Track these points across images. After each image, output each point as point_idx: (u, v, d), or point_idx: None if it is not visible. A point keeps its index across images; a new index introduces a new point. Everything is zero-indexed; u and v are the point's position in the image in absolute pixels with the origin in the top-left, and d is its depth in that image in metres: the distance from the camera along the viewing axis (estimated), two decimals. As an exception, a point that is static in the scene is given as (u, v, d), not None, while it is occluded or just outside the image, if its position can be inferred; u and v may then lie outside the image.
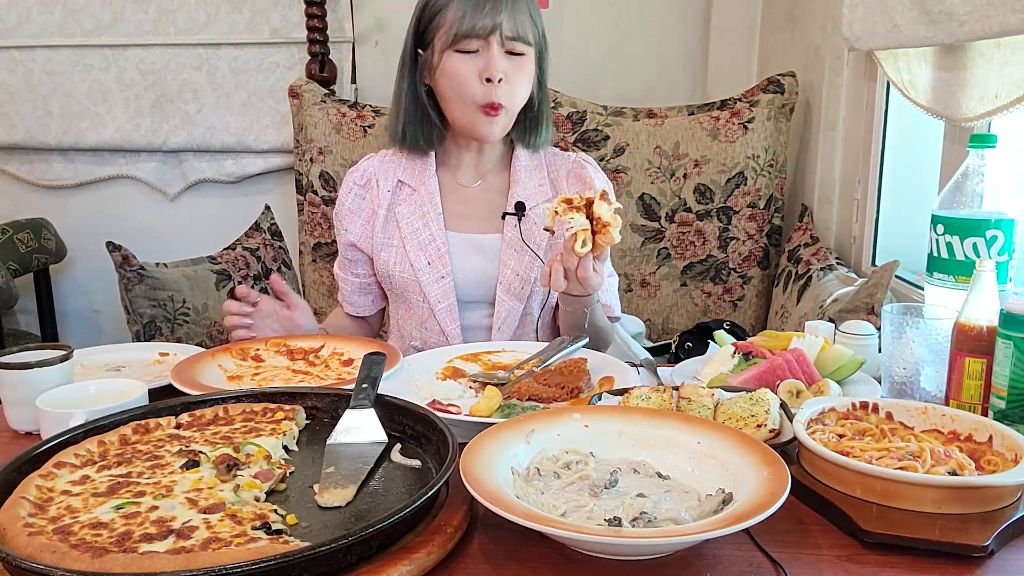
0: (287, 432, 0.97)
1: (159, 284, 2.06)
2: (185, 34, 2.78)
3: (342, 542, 0.70)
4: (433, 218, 1.53)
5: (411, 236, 1.53)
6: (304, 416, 1.04)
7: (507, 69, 1.42)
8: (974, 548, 0.78)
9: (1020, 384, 0.97)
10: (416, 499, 0.77)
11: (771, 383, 1.13)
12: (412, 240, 1.52)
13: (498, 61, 1.41)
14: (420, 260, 1.52)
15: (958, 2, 1.39)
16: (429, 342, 1.56)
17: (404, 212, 1.55)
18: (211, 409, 1.03)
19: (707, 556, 0.79)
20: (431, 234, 1.53)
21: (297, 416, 1.02)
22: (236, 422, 1.00)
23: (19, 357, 1.14)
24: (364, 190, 1.58)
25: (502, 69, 1.41)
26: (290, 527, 0.79)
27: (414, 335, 1.58)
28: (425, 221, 1.53)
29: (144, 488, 0.84)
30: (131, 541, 0.74)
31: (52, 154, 2.94)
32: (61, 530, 0.75)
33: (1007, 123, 1.55)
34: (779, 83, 2.32)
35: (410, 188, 1.56)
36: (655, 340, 2.40)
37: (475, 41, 1.41)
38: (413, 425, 0.98)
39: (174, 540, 0.74)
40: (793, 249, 2.24)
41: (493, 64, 1.40)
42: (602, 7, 2.72)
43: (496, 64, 1.41)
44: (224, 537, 0.74)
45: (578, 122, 2.39)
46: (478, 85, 1.42)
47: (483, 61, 1.41)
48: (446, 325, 1.53)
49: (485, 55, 1.41)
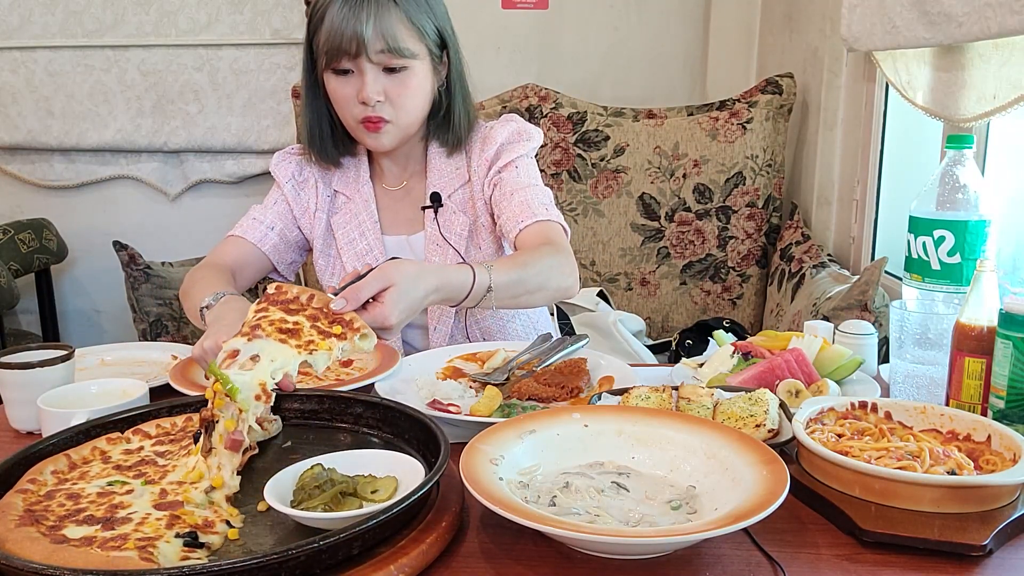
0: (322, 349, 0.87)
1: (165, 283, 2.07)
2: (186, 35, 2.79)
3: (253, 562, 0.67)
4: (369, 227, 1.49)
5: (347, 246, 1.49)
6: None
7: (387, 87, 1.35)
8: (973, 547, 0.79)
9: (1019, 384, 0.97)
10: (400, 503, 0.75)
11: (770, 383, 1.13)
12: (348, 251, 1.49)
13: (372, 84, 1.33)
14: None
15: (956, 3, 1.40)
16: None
17: (340, 222, 1.51)
18: None
19: (706, 555, 0.80)
20: (368, 244, 1.49)
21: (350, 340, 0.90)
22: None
23: (20, 357, 1.14)
24: (300, 186, 1.53)
25: (378, 90, 1.34)
26: (230, 541, 0.78)
27: None
28: (361, 231, 1.49)
29: (147, 470, 0.86)
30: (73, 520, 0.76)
31: (54, 154, 2.95)
32: (48, 495, 0.80)
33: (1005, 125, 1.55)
34: (778, 84, 2.33)
35: (345, 197, 1.52)
36: (655, 338, 2.41)
37: (345, 60, 1.33)
38: (407, 427, 0.97)
39: (97, 528, 0.75)
40: (785, 248, 2.25)
41: (366, 87, 1.33)
42: (602, 9, 2.72)
43: (369, 87, 1.33)
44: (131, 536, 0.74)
45: (578, 123, 2.40)
46: (356, 106, 1.36)
47: (358, 82, 1.34)
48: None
49: (359, 76, 1.34)
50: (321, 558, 0.71)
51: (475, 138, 1.51)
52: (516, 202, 1.41)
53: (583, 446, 0.94)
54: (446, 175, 1.49)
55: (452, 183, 1.49)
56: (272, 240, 1.50)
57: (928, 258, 1.16)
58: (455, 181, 1.49)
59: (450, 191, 1.48)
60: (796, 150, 2.44)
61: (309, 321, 0.88)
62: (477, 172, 1.48)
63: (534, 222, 1.38)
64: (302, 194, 1.53)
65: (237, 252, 1.47)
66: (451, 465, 0.87)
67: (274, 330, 0.87)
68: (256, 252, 1.49)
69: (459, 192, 1.49)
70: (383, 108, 1.36)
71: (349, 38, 1.30)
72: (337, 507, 0.79)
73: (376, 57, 1.32)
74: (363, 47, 1.30)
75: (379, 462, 0.86)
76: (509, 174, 1.45)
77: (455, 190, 1.49)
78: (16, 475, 0.84)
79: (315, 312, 0.90)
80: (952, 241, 1.14)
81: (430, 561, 0.77)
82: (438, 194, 1.48)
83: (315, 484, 0.80)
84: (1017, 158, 1.57)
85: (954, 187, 1.14)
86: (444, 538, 0.80)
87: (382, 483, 0.82)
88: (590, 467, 0.92)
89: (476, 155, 1.49)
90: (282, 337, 0.86)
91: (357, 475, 0.83)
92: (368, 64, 1.33)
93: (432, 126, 1.48)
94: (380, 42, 1.31)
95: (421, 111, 1.42)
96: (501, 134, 1.48)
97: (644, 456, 0.93)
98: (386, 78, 1.35)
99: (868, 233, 2.03)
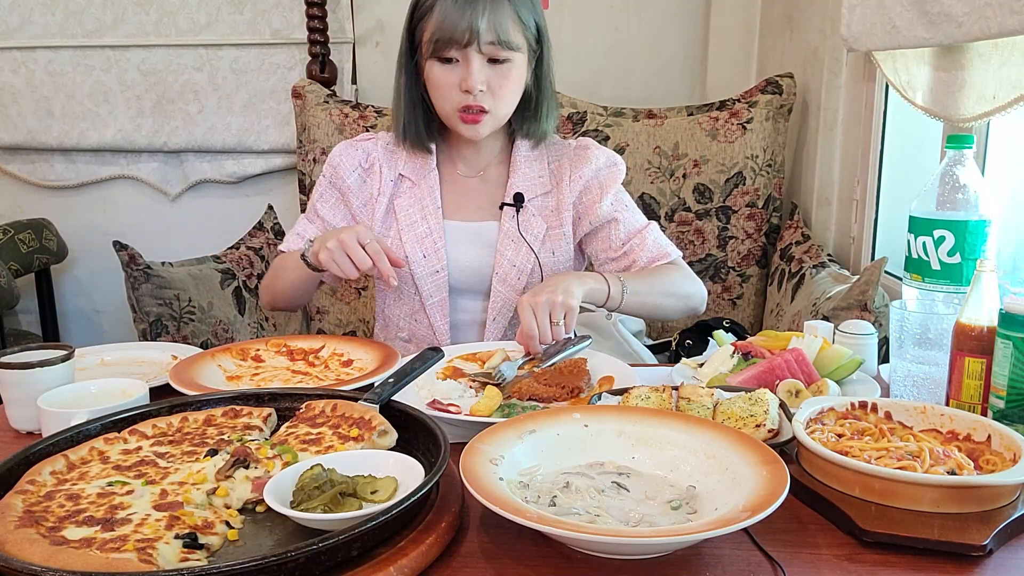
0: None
1: (165, 283, 2.07)
2: (186, 35, 2.78)
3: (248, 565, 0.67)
4: (432, 211, 1.52)
5: (408, 228, 1.52)
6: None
7: (490, 78, 1.40)
8: (972, 547, 0.79)
9: (1019, 384, 0.97)
10: (400, 503, 0.75)
11: (770, 383, 1.13)
12: (409, 232, 1.52)
13: (477, 72, 1.38)
14: (416, 252, 1.51)
15: (956, 3, 1.40)
16: (417, 335, 1.56)
17: (403, 204, 1.53)
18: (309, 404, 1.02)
19: (706, 555, 0.80)
20: (428, 227, 1.52)
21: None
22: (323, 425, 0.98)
23: (21, 357, 1.14)
24: (367, 173, 1.56)
25: (482, 79, 1.39)
26: (229, 542, 0.78)
27: (402, 326, 1.58)
28: (424, 214, 1.52)
29: (147, 470, 0.86)
30: (72, 521, 0.76)
31: (54, 154, 2.95)
32: (48, 495, 0.80)
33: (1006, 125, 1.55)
34: (778, 84, 2.33)
35: (411, 182, 1.55)
36: (655, 338, 2.41)
37: (453, 50, 1.37)
38: (407, 426, 0.97)
39: (97, 529, 0.75)
40: (785, 247, 2.25)
41: (471, 76, 1.37)
42: (602, 8, 2.72)
43: (475, 76, 1.38)
44: (130, 538, 0.73)
45: (578, 123, 2.40)
46: (457, 95, 1.40)
47: (462, 71, 1.39)
48: (435, 320, 1.53)
49: (464, 65, 1.38)
50: (320, 559, 0.71)
51: (561, 152, 1.58)
52: (650, 241, 1.54)
53: (583, 446, 0.94)
54: (530, 179, 1.54)
55: (535, 187, 1.54)
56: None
57: (928, 258, 1.16)
58: (537, 187, 1.54)
59: (532, 195, 1.53)
60: (796, 150, 2.44)
61: (331, 430, 0.95)
62: (570, 187, 1.54)
63: (669, 261, 1.54)
64: (368, 180, 1.55)
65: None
66: (451, 465, 0.87)
67: (298, 442, 0.93)
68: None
69: (540, 199, 1.54)
70: (484, 98, 1.40)
71: (464, 29, 1.34)
72: (337, 508, 0.79)
73: (485, 48, 1.37)
74: (475, 37, 1.35)
75: (379, 462, 0.86)
76: (618, 208, 1.55)
77: (537, 195, 1.54)
78: (16, 475, 0.84)
79: (337, 420, 0.97)
80: (952, 241, 1.14)
81: (430, 562, 0.77)
82: (521, 195, 1.52)
83: (315, 485, 0.80)
84: (1017, 158, 1.57)
85: (954, 187, 1.14)
86: (444, 538, 0.80)
87: (382, 483, 0.82)
88: (590, 467, 0.92)
89: (566, 169, 1.55)
90: (304, 446, 0.93)
91: (357, 475, 0.83)
92: (476, 54, 1.37)
93: (519, 119, 1.52)
94: (491, 34, 1.36)
95: (516, 103, 1.47)
96: (599, 158, 1.56)
97: (644, 456, 0.93)
98: (490, 69, 1.39)
99: (868, 233, 2.03)
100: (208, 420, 1.00)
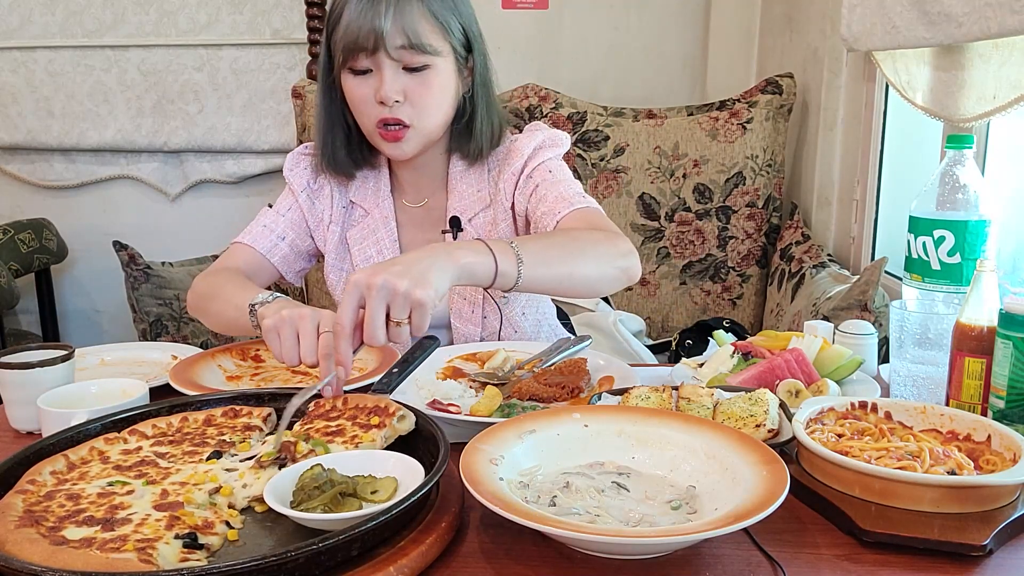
0: (366, 441, 0.91)
1: (165, 283, 2.07)
2: (186, 35, 2.79)
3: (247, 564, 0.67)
4: (387, 245, 1.43)
5: (364, 263, 1.42)
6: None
7: (407, 87, 1.27)
8: (973, 547, 0.79)
9: (1019, 384, 0.97)
10: (400, 503, 0.75)
11: (770, 383, 1.13)
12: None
13: (390, 81, 1.25)
14: None
15: (956, 3, 1.40)
16: None
17: (356, 237, 1.44)
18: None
19: (706, 555, 0.80)
20: None
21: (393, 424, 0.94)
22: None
23: (20, 357, 1.14)
24: (315, 195, 1.45)
25: (398, 89, 1.26)
26: (229, 542, 0.78)
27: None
28: (379, 248, 1.43)
29: (148, 470, 0.86)
30: (72, 521, 0.76)
31: (53, 154, 2.95)
32: (48, 495, 0.80)
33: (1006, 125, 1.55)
34: (777, 84, 2.33)
35: (363, 210, 1.45)
36: (655, 338, 2.41)
37: (363, 58, 1.25)
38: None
39: (97, 529, 0.75)
40: (785, 248, 2.25)
41: (384, 85, 1.25)
42: (602, 9, 2.72)
43: (387, 85, 1.25)
44: (130, 538, 0.73)
45: (578, 123, 2.40)
46: (374, 108, 1.28)
47: (376, 81, 1.26)
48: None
49: (377, 74, 1.26)
50: (320, 559, 0.71)
51: (498, 154, 1.43)
52: (551, 198, 1.33)
53: (583, 446, 0.94)
54: (467, 197, 1.41)
55: (473, 206, 1.41)
56: (282, 251, 1.45)
57: (928, 258, 1.16)
58: (476, 204, 1.41)
59: (471, 215, 1.41)
60: (796, 150, 2.45)
61: (349, 421, 0.95)
62: (504, 191, 1.39)
63: (571, 210, 1.30)
64: (316, 204, 1.46)
65: (246, 260, 1.43)
66: (451, 465, 0.87)
67: (320, 435, 0.93)
68: (264, 262, 1.44)
69: (480, 216, 1.41)
70: (402, 110, 1.28)
71: (367, 32, 1.22)
72: (337, 508, 0.78)
73: (395, 53, 1.24)
74: (381, 42, 1.22)
75: (379, 463, 0.86)
76: (540, 175, 1.37)
77: (476, 214, 1.41)
78: (16, 475, 0.84)
79: (353, 412, 0.97)
80: (952, 241, 1.14)
81: (430, 562, 0.77)
82: (457, 219, 1.40)
83: (315, 485, 0.80)
84: (1017, 158, 1.57)
85: (954, 187, 1.14)
86: (444, 538, 0.80)
87: (382, 484, 0.82)
88: (590, 467, 0.92)
89: (501, 172, 1.40)
90: (329, 438, 0.92)
91: (357, 476, 0.83)
92: (387, 60, 1.25)
93: (453, 134, 1.39)
94: (400, 37, 1.23)
95: (444, 115, 1.33)
96: (527, 146, 1.39)
97: (644, 456, 0.93)
98: (407, 77, 1.27)
99: (868, 233, 2.03)
100: (208, 420, 1.00)
